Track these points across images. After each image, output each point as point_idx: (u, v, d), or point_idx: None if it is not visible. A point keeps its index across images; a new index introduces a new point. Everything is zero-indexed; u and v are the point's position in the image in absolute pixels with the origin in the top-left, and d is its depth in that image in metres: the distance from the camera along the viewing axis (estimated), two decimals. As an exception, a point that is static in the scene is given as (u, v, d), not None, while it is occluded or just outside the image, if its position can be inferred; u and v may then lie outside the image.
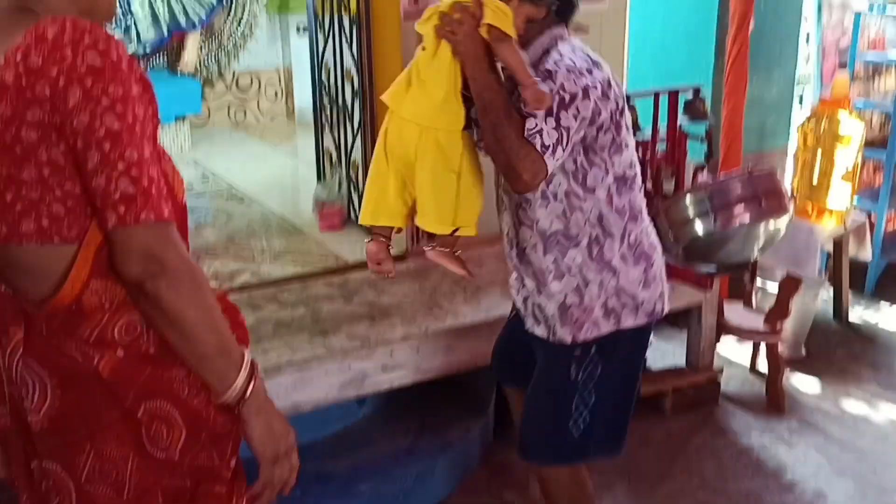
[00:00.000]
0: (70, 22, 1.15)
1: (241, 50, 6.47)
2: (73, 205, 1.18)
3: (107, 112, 1.13)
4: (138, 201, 1.16)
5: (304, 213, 4.31)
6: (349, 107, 3.96)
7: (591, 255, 2.05)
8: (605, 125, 1.95)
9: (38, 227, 1.18)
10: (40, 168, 1.15)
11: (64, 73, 1.12)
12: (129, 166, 1.15)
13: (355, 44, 3.77)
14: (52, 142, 1.14)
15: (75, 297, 1.21)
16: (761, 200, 2.85)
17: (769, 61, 4.49)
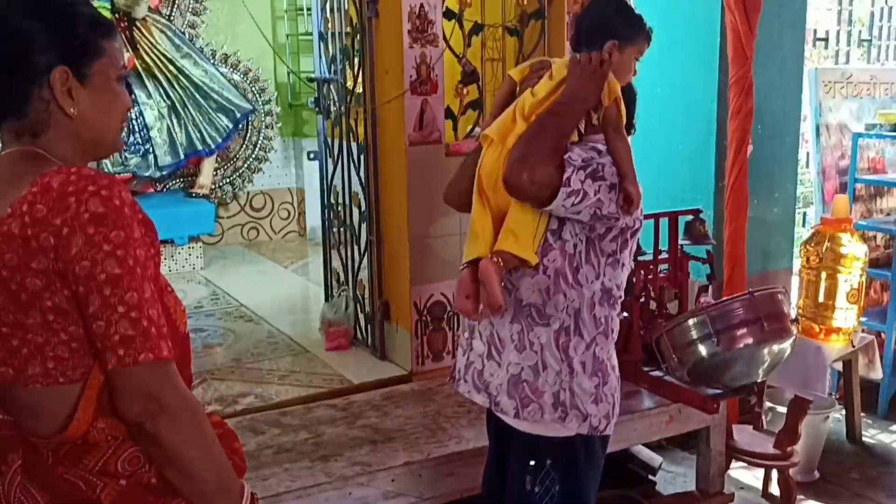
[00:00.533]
0: (75, 171, 1.21)
1: (256, 172, 6.68)
2: (77, 347, 1.22)
3: (108, 257, 1.18)
4: (137, 343, 1.20)
5: (312, 332, 4.33)
6: (356, 228, 4.05)
7: (558, 342, 2.08)
8: (615, 232, 2.05)
9: (44, 369, 1.22)
10: (45, 314, 1.20)
11: (68, 221, 1.17)
12: (128, 309, 1.19)
13: (362, 168, 3.89)
14: (56, 288, 1.19)
15: (82, 434, 1.25)
16: (763, 323, 2.86)
17: (770, 183, 4.57)
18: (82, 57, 1.32)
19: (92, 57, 1.33)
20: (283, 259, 6.37)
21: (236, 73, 6.39)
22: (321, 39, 4.28)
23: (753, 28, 3.95)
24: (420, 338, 3.68)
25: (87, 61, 1.33)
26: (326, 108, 4.28)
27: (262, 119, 6.55)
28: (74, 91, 1.31)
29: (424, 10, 3.50)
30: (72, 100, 1.30)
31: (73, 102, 1.31)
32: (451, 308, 3.74)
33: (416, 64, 3.52)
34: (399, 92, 3.54)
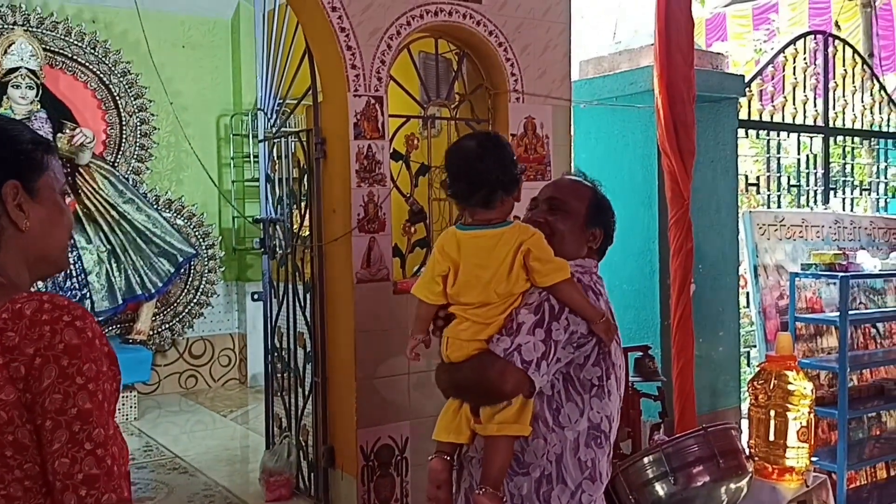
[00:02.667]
0: (48, 299, 1.16)
1: (197, 317, 6.53)
2: (31, 485, 1.14)
3: (80, 391, 1.13)
4: (101, 482, 1.13)
5: (251, 484, 4.12)
6: (301, 370, 3.93)
7: (539, 492, 1.92)
8: (594, 357, 1.92)
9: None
10: (3, 448, 1.12)
11: (41, 351, 1.12)
12: (95, 447, 1.13)
13: (308, 307, 3.82)
14: (20, 423, 1.12)
15: None
16: (719, 460, 2.80)
17: (713, 322, 4.63)
18: (28, 172, 1.31)
19: (37, 172, 1.32)
20: (223, 408, 6.13)
21: (180, 218, 6.37)
22: (268, 181, 4.31)
23: (689, 171, 4.11)
24: (367, 485, 3.51)
25: (34, 176, 1.32)
26: (272, 248, 4.25)
27: (205, 263, 6.48)
28: (25, 205, 1.28)
29: (372, 152, 3.56)
30: (23, 213, 1.27)
31: (25, 216, 1.27)
32: (399, 453, 3.60)
33: (364, 202, 3.54)
34: (346, 230, 3.53)
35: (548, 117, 4.03)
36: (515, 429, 1.89)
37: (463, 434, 1.97)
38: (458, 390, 1.97)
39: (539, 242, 1.92)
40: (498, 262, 1.89)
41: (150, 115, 6.28)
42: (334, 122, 3.63)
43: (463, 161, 1.93)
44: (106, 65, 5.99)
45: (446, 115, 3.93)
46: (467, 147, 1.96)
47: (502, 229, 1.92)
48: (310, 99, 3.78)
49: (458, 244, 1.92)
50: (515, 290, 1.90)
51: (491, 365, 1.85)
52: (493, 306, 1.90)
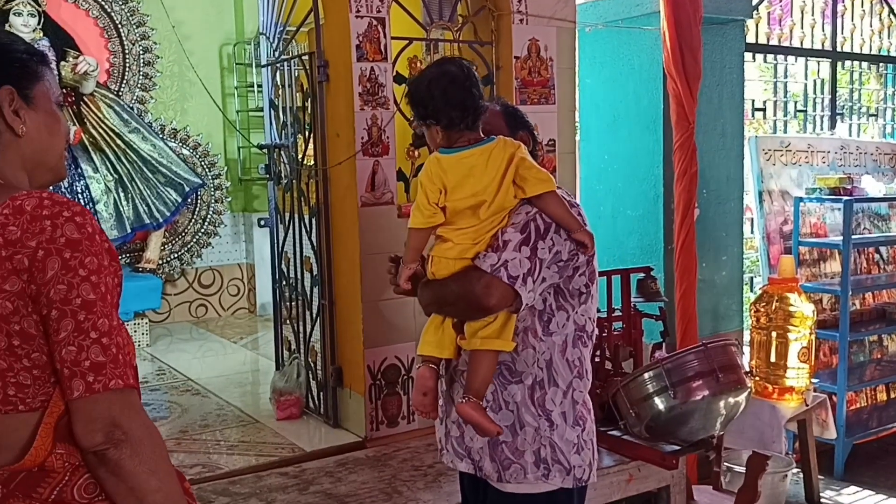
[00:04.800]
0: (48, 196, 1.20)
1: (205, 247, 6.59)
2: (39, 374, 1.19)
3: (83, 282, 1.17)
4: (107, 369, 1.18)
5: (262, 404, 4.22)
6: (308, 294, 3.99)
7: (533, 398, 2.00)
8: (582, 268, 1.98)
9: (4, 396, 1.18)
10: (11, 338, 1.17)
11: (43, 244, 1.16)
12: (100, 335, 1.18)
13: (314, 232, 3.86)
14: (26, 312, 1.17)
15: (39, 462, 1.20)
16: (718, 374, 2.86)
17: (716, 246, 4.65)
18: (23, 79, 1.34)
19: (32, 80, 1.37)
20: (232, 335, 6.23)
21: (186, 148, 6.38)
22: (272, 107, 4.30)
23: (695, 94, 4.09)
24: (374, 402, 3.60)
25: (29, 84, 1.36)
26: (277, 174, 4.27)
27: (211, 193, 6.51)
28: (21, 112, 1.32)
29: (374, 74, 3.55)
30: (19, 119, 1.31)
31: (21, 121, 1.31)
32: (406, 372, 3.68)
33: (368, 126, 3.55)
34: (350, 154, 3.55)
35: (552, 40, 3.99)
36: (498, 343, 1.94)
37: (446, 349, 2.02)
38: (444, 305, 2.01)
39: (526, 153, 1.95)
40: (491, 177, 1.92)
41: (152, 44, 6.24)
42: (336, 45, 3.61)
43: (454, 87, 1.93)
44: (108, -8, 5.94)
45: (449, 38, 3.90)
46: (453, 73, 1.95)
47: (489, 145, 1.94)
48: (312, 23, 3.75)
49: (444, 169, 1.94)
50: (507, 205, 1.93)
51: (477, 280, 1.89)
52: (482, 224, 1.93)
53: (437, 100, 1.92)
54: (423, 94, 1.96)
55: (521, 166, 1.91)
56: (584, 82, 4.77)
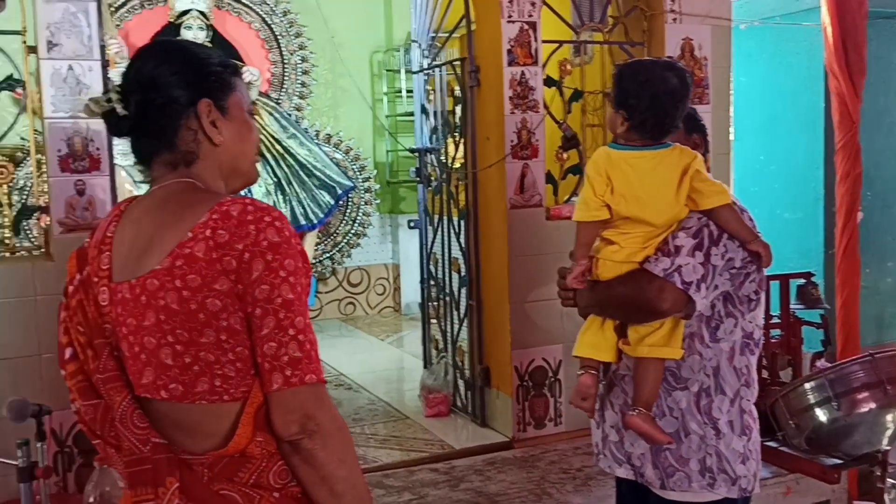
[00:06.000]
0: (250, 202, 1.28)
1: (354, 248, 6.83)
2: (242, 367, 1.27)
3: (283, 283, 1.25)
4: (303, 364, 1.25)
5: (409, 401, 4.34)
6: (456, 294, 4.07)
7: (699, 405, 1.95)
8: (753, 274, 1.92)
9: (211, 387, 1.27)
10: (219, 333, 1.25)
11: (249, 247, 1.24)
12: (297, 332, 1.25)
13: (463, 233, 3.94)
14: (233, 310, 1.25)
15: (241, 449, 1.29)
16: (887, 387, 2.71)
17: (881, 251, 4.42)
18: (219, 91, 1.43)
19: (227, 91, 1.44)
20: (379, 332, 6.43)
21: (338, 152, 6.63)
22: (423, 112, 4.42)
23: (859, 92, 3.88)
24: (522, 403, 3.63)
25: (224, 95, 1.43)
26: (427, 177, 4.38)
27: (361, 196, 6.74)
28: (217, 122, 1.40)
29: (525, 78, 3.59)
30: (216, 129, 1.39)
31: (218, 131, 1.39)
32: (553, 374, 3.69)
33: (517, 129, 3.59)
34: (500, 157, 3.60)
35: (706, 38, 3.90)
36: (666, 352, 1.90)
37: (606, 352, 1.99)
38: (608, 308, 1.99)
39: (702, 165, 1.91)
40: (660, 184, 1.88)
41: (309, 54, 6.52)
42: (487, 50, 3.67)
43: (666, 98, 1.87)
44: (268, 5, 6.25)
45: (600, 39, 3.88)
46: (672, 85, 1.88)
47: (662, 151, 1.90)
48: (463, 29, 3.83)
49: (612, 164, 1.92)
50: (679, 216, 1.90)
51: (649, 283, 1.86)
52: (652, 230, 1.91)
53: (643, 100, 1.87)
54: (632, 87, 1.90)
55: (695, 179, 1.87)
56: (738, 81, 4.62)
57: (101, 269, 1.38)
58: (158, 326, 1.28)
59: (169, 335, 1.28)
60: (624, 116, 1.91)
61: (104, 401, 1.35)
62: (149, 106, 1.39)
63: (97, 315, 1.37)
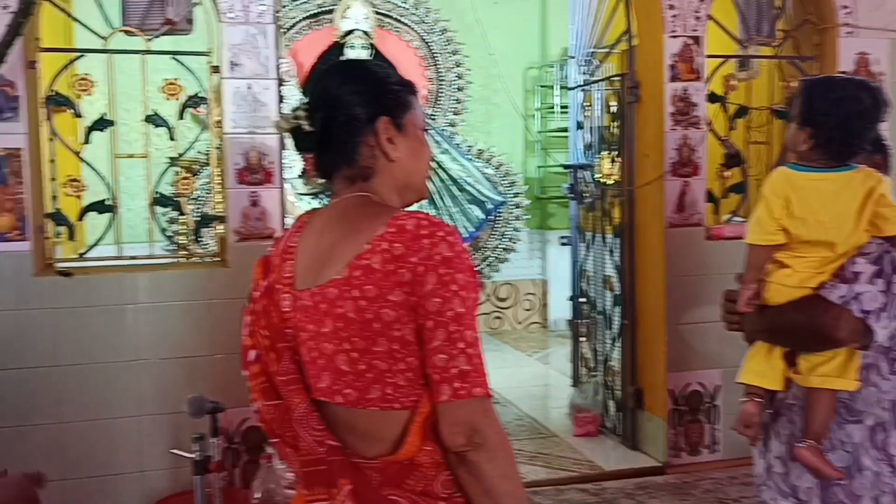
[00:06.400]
0: (424, 217, 1.32)
1: (503, 262, 6.87)
2: (412, 376, 1.31)
3: (454, 297, 1.27)
4: (471, 378, 1.27)
5: (556, 419, 4.31)
6: (608, 313, 4.01)
7: (874, 439, 1.83)
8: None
9: (382, 394, 1.31)
10: (391, 343, 1.29)
11: (423, 261, 1.27)
12: (467, 346, 1.27)
13: (617, 252, 3.88)
14: (406, 320, 1.29)
15: (411, 457, 1.32)
16: None
17: None
18: (397, 109, 1.48)
19: (404, 109, 1.49)
20: (526, 348, 6.42)
21: (489, 167, 6.69)
22: (578, 128, 4.39)
23: None
24: (675, 428, 3.53)
25: (401, 113, 1.49)
26: (580, 193, 4.35)
27: (510, 211, 6.76)
28: (394, 138, 1.45)
29: (687, 94, 3.51)
30: (393, 145, 1.45)
31: (395, 147, 1.45)
32: (710, 399, 3.57)
33: (678, 146, 3.51)
34: (658, 174, 3.53)
35: (884, 53, 3.69)
36: (840, 383, 1.80)
37: (773, 380, 1.91)
38: (778, 334, 1.90)
39: (887, 188, 1.80)
40: (843, 208, 1.78)
41: (464, 71, 6.63)
42: (649, 66, 3.61)
43: (858, 118, 1.78)
44: (427, 24, 6.41)
45: (768, 54, 3.74)
46: (865, 106, 1.80)
47: (847, 173, 1.80)
48: (623, 44, 3.79)
49: (793, 186, 1.85)
50: (860, 242, 1.80)
51: (825, 311, 1.77)
52: (829, 255, 1.82)
53: (832, 118, 1.79)
54: (822, 104, 1.82)
55: (879, 203, 1.77)
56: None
57: (284, 276, 1.46)
58: (336, 333, 1.33)
59: (345, 342, 1.33)
60: (809, 134, 1.82)
61: (284, 402, 1.42)
62: (332, 123, 1.46)
63: (280, 320, 1.45)
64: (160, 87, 3.10)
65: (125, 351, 2.99)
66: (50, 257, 3.00)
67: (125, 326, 2.99)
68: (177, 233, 3.54)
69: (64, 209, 3.07)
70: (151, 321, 3.01)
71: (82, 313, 2.94)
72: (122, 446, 3.00)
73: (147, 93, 3.12)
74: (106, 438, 2.98)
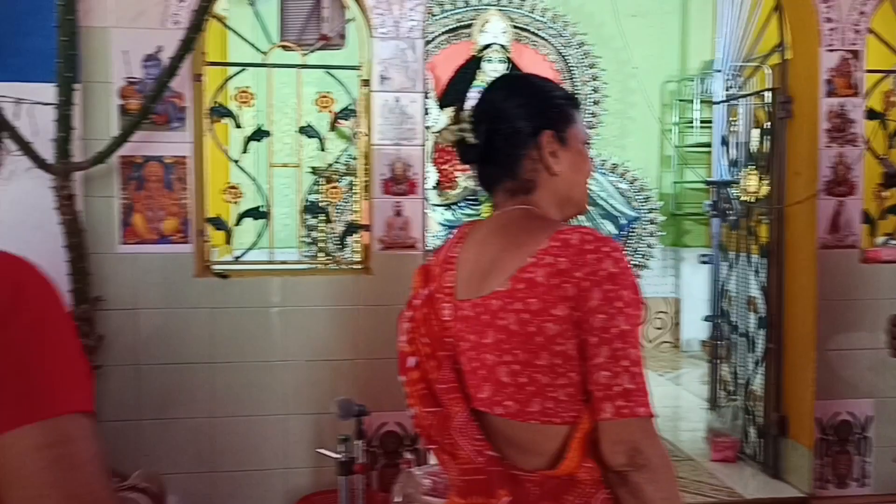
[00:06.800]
0: (588, 232, 1.32)
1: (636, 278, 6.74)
2: (573, 392, 1.30)
3: (619, 314, 1.26)
4: (635, 397, 1.25)
5: (690, 442, 4.18)
6: (751, 336, 3.87)
7: None
8: None
9: (542, 408, 1.31)
10: (553, 357, 1.29)
11: (588, 276, 1.27)
12: (631, 364, 1.26)
13: (763, 272, 3.74)
14: (569, 335, 1.29)
15: (570, 472, 1.32)
16: None
17: None
18: (560, 123, 1.48)
19: (567, 123, 1.50)
20: (657, 367, 6.27)
21: (623, 182, 6.59)
22: (722, 143, 4.27)
23: None
24: (822, 458, 3.36)
25: (564, 126, 1.49)
26: (723, 211, 4.22)
27: (644, 227, 6.63)
28: (557, 152, 1.46)
29: (845, 110, 3.35)
30: (556, 159, 1.45)
31: (557, 161, 1.45)
32: (860, 431, 3.38)
33: (833, 164, 3.36)
34: (811, 193, 3.38)
35: None
36: None
37: None
38: None
39: None
40: None
41: (600, 84, 6.57)
42: (802, 81, 3.48)
43: None
44: (564, 38, 6.39)
45: (935, 68, 3.53)
46: None
47: None
48: (775, 58, 3.66)
49: None
50: None
51: None
52: None
53: None
54: None
55: None
56: None
57: (444, 286, 1.49)
58: (497, 345, 1.35)
59: (507, 354, 1.34)
60: None
61: (443, 409, 1.45)
62: (496, 136, 1.49)
63: (440, 329, 1.47)
64: (313, 99, 3.23)
65: (274, 351, 3.12)
66: (208, 259, 3.16)
67: (274, 328, 3.12)
68: (319, 240, 3.66)
69: (221, 214, 3.24)
70: (298, 324, 3.13)
71: (236, 313, 3.09)
72: (268, 443, 3.12)
73: (301, 105, 3.26)
74: (253, 434, 3.12)
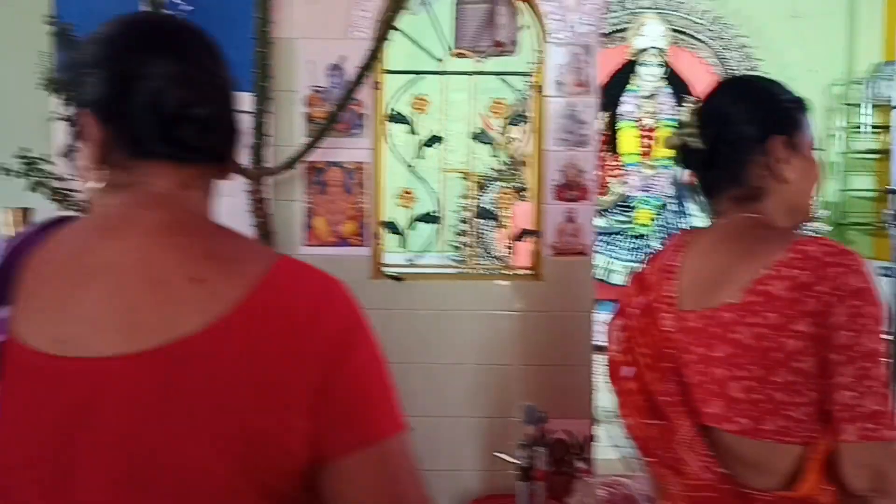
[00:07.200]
0: (829, 243, 1.27)
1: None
2: (811, 411, 1.27)
3: (865, 331, 1.22)
4: (881, 419, 1.21)
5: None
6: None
7: None
8: None
9: (776, 427, 1.28)
10: (791, 374, 1.26)
11: (831, 290, 1.23)
12: (878, 385, 1.22)
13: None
14: (810, 353, 1.25)
15: (808, 494, 1.28)
16: None
17: None
18: (790, 128, 1.43)
19: (797, 128, 1.44)
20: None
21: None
22: (905, 150, 4.03)
23: None
24: None
25: (795, 132, 1.44)
26: (906, 222, 3.98)
27: (811, 237, 6.34)
28: (787, 158, 1.41)
29: None
30: (786, 165, 1.40)
31: (788, 168, 1.40)
32: None
33: None
34: None
35: None
36: None
37: None
38: None
39: None
40: None
41: (761, 87, 6.33)
42: None
43: None
44: (725, 40, 6.19)
45: None
46: None
47: None
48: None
49: None
50: None
51: None
52: None
53: None
54: None
55: None
56: None
57: (663, 295, 1.46)
58: (729, 359, 1.31)
59: (740, 369, 1.30)
60: None
61: (666, 423, 1.42)
62: (720, 141, 1.45)
63: (660, 339, 1.45)
64: (487, 105, 3.26)
65: (445, 354, 3.16)
66: (382, 262, 3.25)
67: (445, 331, 3.16)
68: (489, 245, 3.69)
69: (395, 218, 3.33)
70: (468, 328, 3.16)
71: (408, 316, 3.15)
72: (439, 444, 3.17)
73: (475, 111, 3.30)
74: (426, 435, 3.15)
